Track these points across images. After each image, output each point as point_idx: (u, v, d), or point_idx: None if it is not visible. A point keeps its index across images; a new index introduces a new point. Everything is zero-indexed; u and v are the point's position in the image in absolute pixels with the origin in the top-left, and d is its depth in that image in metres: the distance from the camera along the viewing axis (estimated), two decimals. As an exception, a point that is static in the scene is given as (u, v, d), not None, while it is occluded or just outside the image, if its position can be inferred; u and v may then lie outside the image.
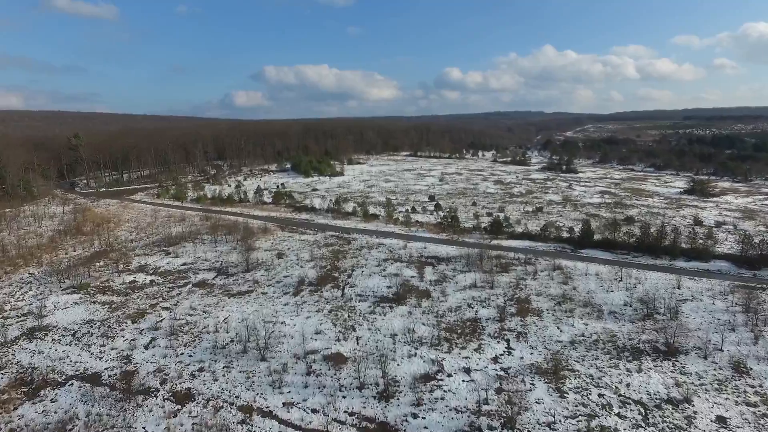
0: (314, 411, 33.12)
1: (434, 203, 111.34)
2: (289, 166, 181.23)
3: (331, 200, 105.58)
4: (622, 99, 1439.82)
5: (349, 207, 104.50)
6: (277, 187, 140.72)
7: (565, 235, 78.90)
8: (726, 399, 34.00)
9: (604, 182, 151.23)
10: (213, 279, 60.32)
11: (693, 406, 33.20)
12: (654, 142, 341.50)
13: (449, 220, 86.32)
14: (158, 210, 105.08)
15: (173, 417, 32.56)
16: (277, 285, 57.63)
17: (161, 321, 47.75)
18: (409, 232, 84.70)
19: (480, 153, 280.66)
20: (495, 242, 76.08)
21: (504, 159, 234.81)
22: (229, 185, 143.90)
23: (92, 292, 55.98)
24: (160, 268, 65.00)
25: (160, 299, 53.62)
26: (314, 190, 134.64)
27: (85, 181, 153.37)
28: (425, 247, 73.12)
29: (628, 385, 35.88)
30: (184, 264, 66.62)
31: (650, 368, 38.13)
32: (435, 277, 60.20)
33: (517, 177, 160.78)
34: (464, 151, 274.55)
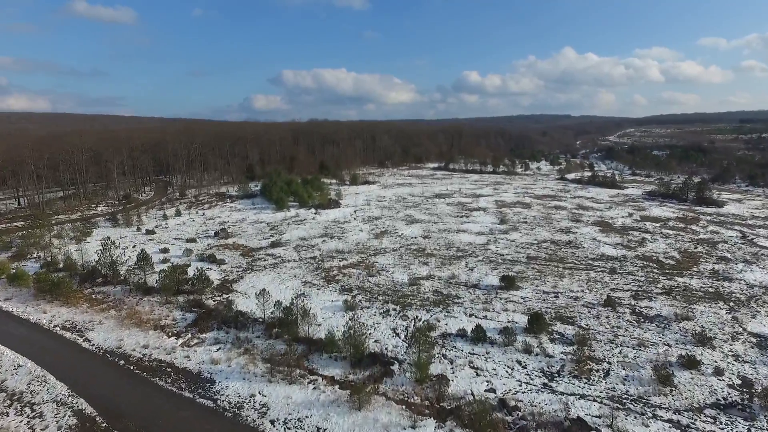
0: None
1: (517, 298, 51.83)
2: (258, 188, 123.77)
3: (278, 304, 46.20)
4: (646, 102, 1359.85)
5: (319, 322, 45.87)
6: (216, 233, 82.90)
7: None
8: None
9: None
10: None
11: None
12: (756, 151, 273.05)
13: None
14: None
15: None
16: None
17: None
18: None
19: (533, 165, 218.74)
20: None
21: (574, 175, 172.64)
22: (138, 228, 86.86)
23: None
24: None
25: None
26: (276, 244, 76.08)
27: None
28: None
29: None
30: None
31: None
32: None
33: (629, 215, 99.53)
34: (510, 163, 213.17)
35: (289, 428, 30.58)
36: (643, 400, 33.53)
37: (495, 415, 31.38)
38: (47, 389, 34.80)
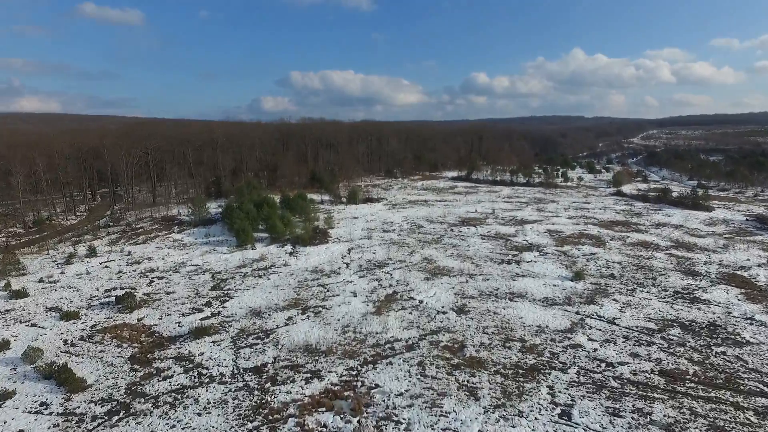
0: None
1: None
2: (219, 211, 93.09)
3: None
4: (658, 104, 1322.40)
5: None
6: (119, 298, 51.79)
7: None
8: None
9: None
10: None
11: None
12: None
13: None
14: None
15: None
16: None
17: None
18: None
19: (573, 174, 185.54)
20: None
21: (631, 189, 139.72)
22: (8, 283, 56.29)
23: None
24: None
25: None
26: (201, 331, 44.68)
27: None
28: None
29: None
30: None
31: None
32: None
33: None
34: (543, 171, 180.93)
35: None
36: None
37: None
38: None
